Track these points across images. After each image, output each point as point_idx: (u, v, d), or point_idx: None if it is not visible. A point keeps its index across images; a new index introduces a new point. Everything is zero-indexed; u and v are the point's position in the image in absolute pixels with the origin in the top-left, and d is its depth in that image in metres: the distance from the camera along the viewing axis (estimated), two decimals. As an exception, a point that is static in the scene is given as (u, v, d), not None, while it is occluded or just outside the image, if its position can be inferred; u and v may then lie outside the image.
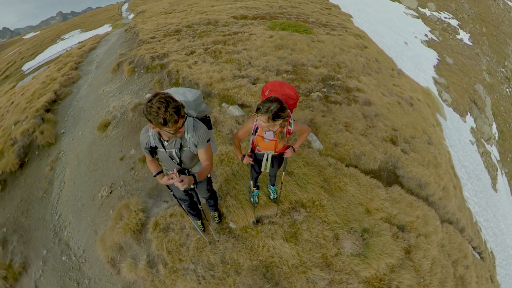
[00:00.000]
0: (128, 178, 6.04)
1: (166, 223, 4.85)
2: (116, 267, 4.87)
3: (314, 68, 9.37)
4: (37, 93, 11.36)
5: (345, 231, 4.74)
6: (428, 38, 25.01)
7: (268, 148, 3.65)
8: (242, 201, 4.85)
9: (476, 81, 21.63)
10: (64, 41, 35.11)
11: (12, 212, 7.09)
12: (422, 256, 5.02)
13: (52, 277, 5.55)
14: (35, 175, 7.72)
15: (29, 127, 8.75)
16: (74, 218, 6.21)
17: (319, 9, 19.90)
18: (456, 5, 37.17)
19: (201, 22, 14.45)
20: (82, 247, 5.63)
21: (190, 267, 4.37)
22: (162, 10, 22.52)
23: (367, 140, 6.83)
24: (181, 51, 10.48)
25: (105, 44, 17.78)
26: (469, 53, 27.10)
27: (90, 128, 8.12)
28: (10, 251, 6.33)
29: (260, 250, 4.45)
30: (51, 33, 47.22)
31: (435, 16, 31.50)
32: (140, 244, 4.87)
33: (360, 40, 14.21)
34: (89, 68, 13.67)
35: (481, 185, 11.87)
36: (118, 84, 9.86)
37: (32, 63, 28.30)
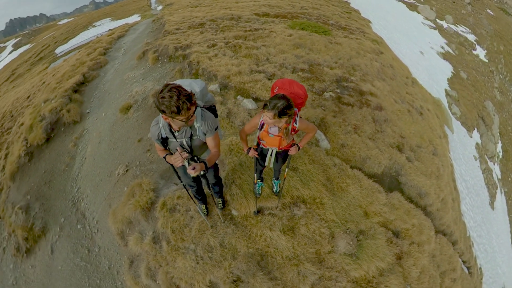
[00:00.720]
0: (143, 159, 6.19)
1: (173, 204, 4.96)
2: (124, 240, 5.06)
3: (329, 69, 9.22)
4: (67, 75, 11.69)
5: (341, 231, 4.71)
6: (444, 50, 24.43)
7: (272, 144, 3.60)
8: (246, 191, 4.85)
9: (487, 98, 21.08)
10: (95, 28, 35.61)
11: (36, 182, 7.41)
12: (412, 264, 4.97)
13: (66, 242, 5.89)
14: (59, 150, 8.01)
15: (57, 105, 9.07)
16: (91, 191, 6.44)
17: (339, 12, 19.57)
18: (474, 20, 36.13)
19: (225, 17, 14.39)
20: (96, 218, 5.88)
21: (190, 247, 4.47)
22: (189, 4, 22.52)
23: (374, 144, 6.72)
24: (203, 43, 10.48)
25: (133, 33, 18.02)
26: (484, 69, 26.39)
27: (113, 110, 8.30)
28: (32, 216, 6.71)
29: (257, 239, 4.49)
30: (83, 20, 48.00)
31: (452, 29, 30.70)
32: (147, 220, 5.02)
33: (376, 45, 13.96)
34: (117, 54, 13.92)
35: (479, 201, 11.63)
36: (142, 70, 10.01)
37: (65, 47, 28.80)
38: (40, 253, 6.13)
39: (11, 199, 7.45)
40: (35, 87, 13.50)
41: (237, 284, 4.20)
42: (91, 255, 5.44)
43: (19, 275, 6.13)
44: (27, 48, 54.97)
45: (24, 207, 6.95)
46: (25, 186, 7.51)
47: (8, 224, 6.94)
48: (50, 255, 5.95)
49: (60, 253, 5.85)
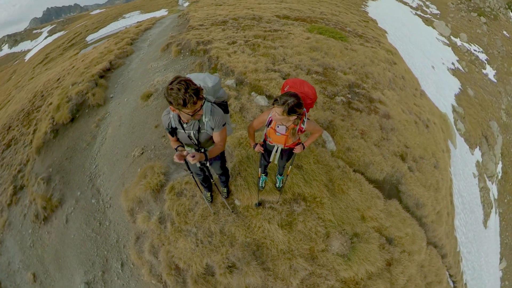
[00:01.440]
0: (158, 144, 6.31)
1: (181, 189, 5.05)
2: (133, 217, 5.25)
3: (343, 74, 9.08)
4: (95, 61, 11.98)
5: (337, 231, 4.67)
6: (454, 67, 23.95)
7: (278, 142, 3.53)
8: (250, 183, 4.85)
9: (492, 118, 20.63)
10: (124, 19, 36.16)
11: (59, 157, 7.75)
12: (401, 271, 4.90)
13: (80, 214, 6.18)
14: (82, 129, 8.30)
15: (84, 88, 9.36)
16: (108, 169, 6.67)
17: (357, 20, 19.25)
18: (489, 40, 35.26)
19: (247, 16, 14.25)
20: (109, 194, 6.11)
21: (192, 230, 4.58)
22: (213, 2, 22.45)
23: (378, 151, 6.61)
24: (224, 40, 10.45)
25: (159, 26, 18.07)
26: (492, 89, 25.82)
27: (135, 96, 8.45)
28: (52, 188, 7.05)
29: (255, 230, 4.51)
30: (114, 11, 48.86)
31: (465, 47, 30.02)
32: (156, 201, 5.16)
33: (390, 55, 13.70)
34: (142, 45, 14.04)
35: (473, 218, 11.45)
36: (165, 62, 10.10)
37: (95, 35, 29.39)
38: (56, 222, 6.44)
39: (35, 170, 7.80)
40: (65, 70, 13.83)
41: (231, 270, 4.25)
42: (102, 228, 5.70)
43: (36, 239, 6.50)
44: (60, 34, 56.14)
45: (46, 178, 7.28)
46: (48, 159, 7.84)
47: (30, 193, 7.28)
48: (65, 224, 6.27)
49: (73, 223, 6.14)
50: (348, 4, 24.44)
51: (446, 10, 39.11)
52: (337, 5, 22.71)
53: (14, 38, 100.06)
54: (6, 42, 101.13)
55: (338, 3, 23.46)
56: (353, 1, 26.46)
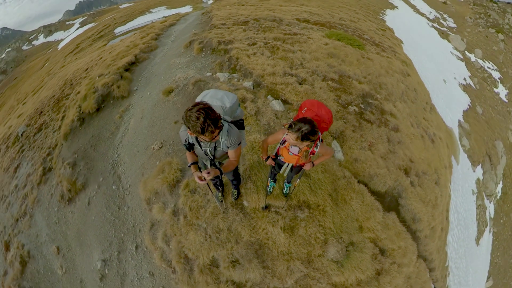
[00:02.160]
0: (177, 140, 6.45)
1: (195, 186, 5.23)
2: (150, 206, 5.49)
3: (357, 83, 8.99)
4: (121, 54, 12.19)
5: (334, 239, 4.79)
6: (466, 83, 23.44)
7: (289, 160, 3.58)
8: (259, 187, 4.98)
9: (498, 138, 20.21)
10: (151, 14, 36.51)
11: (84, 144, 8.06)
12: (388, 281, 4.99)
13: (102, 198, 6.50)
14: (106, 119, 8.52)
15: (110, 80, 9.58)
16: (129, 159, 6.90)
17: (375, 29, 18.96)
18: (505, 58, 34.18)
19: (268, 18, 14.13)
20: (129, 182, 6.37)
21: (202, 225, 4.79)
22: (236, 1, 22.22)
23: (384, 164, 6.62)
24: (244, 40, 10.42)
25: (184, 23, 18.02)
26: (501, 109, 25.22)
27: (157, 91, 8.54)
28: (77, 172, 7.43)
29: (260, 231, 4.68)
30: (142, 6, 49.29)
31: (479, 63, 29.25)
32: (172, 195, 5.39)
33: (405, 67, 13.52)
34: (166, 40, 14.08)
35: (466, 234, 11.35)
36: (187, 58, 10.14)
37: (123, 28, 29.70)
38: (79, 203, 6.81)
39: (62, 155, 8.17)
40: (93, 61, 14.15)
41: (234, 265, 4.45)
42: (120, 212, 5.99)
43: (61, 217, 6.93)
44: (91, 26, 56.86)
45: (71, 163, 7.67)
46: (74, 146, 8.19)
47: (57, 175, 7.67)
48: (87, 206, 6.61)
49: (95, 206, 6.46)
50: (367, 12, 24.05)
51: (464, 24, 38.05)
52: (356, 11, 22.36)
53: (48, 29, 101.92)
54: (41, 32, 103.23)
55: (357, 10, 23.09)
56: (371, 8, 26.01)
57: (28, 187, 8.13)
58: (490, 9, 45.28)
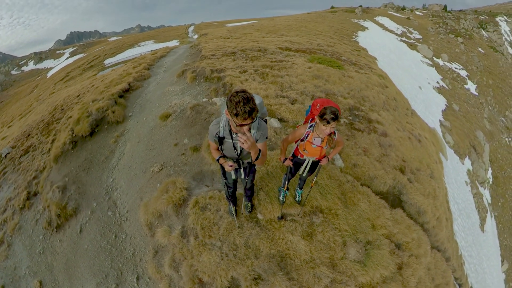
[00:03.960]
0: (178, 161, 6.03)
1: (205, 203, 4.84)
2: (152, 231, 4.92)
3: (343, 98, 9.24)
4: (114, 82, 11.79)
5: (352, 240, 4.64)
6: (439, 85, 24.09)
7: (313, 154, 3.63)
8: (272, 197, 4.82)
9: (477, 128, 20.54)
10: (140, 47, 36.74)
11: (76, 167, 7.38)
12: (411, 274, 4.81)
13: (95, 225, 5.77)
14: (100, 143, 7.98)
15: (104, 105, 9.03)
16: (125, 183, 6.29)
17: (350, 50, 19.66)
18: (467, 57, 35.56)
19: (253, 48, 14.57)
20: (127, 208, 5.72)
21: (217, 244, 4.34)
22: (222, 35, 22.90)
23: (380, 166, 6.67)
24: (235, 69, 10.63)
25: (173, 55, 18.14)
26: (474, 102, 25.84)
27: (153, 116, 8.21)
28: (67, 197, 6.61)
29: (279, 242, 4.38)
30: (130, 39, 49.42)
31: (447, 66, 30.28)
32: (178, 216, 4.88)
33: (382, 80, 13.90)
34: (159, 70, 13.95)
35: (470, 223, 11.17)
36: (181, 86, 10.01)
37: (112, 60, 29.76)
38: (69, 231, 6.03)
39: (51, 178, 7.38)
40: (85, 88, 13.68)
41: (257, 282, 4.04)
42: (118, 241, 5.30)
43: (46, 246, 6.02)
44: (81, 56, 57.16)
45: (61, 187, 6.86)
46: (65, 169, 7.48)
47: (45, 199, 6.82)
48: (79, 234, 5.84)
49: (88, 234, 5.72)
50: (341, 36, 24.98)
51: (427, 34, 39.72)
52: (331, 37, 23.23)
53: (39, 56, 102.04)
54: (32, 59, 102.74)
55: (332, 35, 23.99)
56: (344, 32, 27.03)
57: (8, 212, 7.10)
58: (446, 18, 47.80)
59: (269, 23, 35.07)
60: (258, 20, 48.60)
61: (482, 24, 48.81)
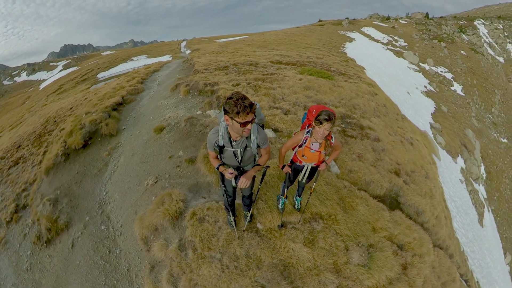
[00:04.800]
0: (173, 174, 5.83)
1: (203, 215, 4.66)
2: (148, 245, 4.69)
3: (334, 107, 9.32)
4: (108, 95, 11.62)
5: (354, 244, 4.57)
6: (426, 89, 24.46)
7: (312, 159, 3.63)
8: (271, 206, 4.74)
9: (466, 127, 20.80)
10: (133, 61, 36.60)
11: (68, 180, 7.10)
12: (416, 273, 4.73)
13: (88, 240, 5.47)
14: (94, 156, 7.75)
15: (97, 118, 8.81)
16: (119, 197, 6.04)
17: (339, 61, 19.99)
18: (451, 60, 36.40)
19: (245, 62, 14.69)
20: (121, 222, 5.46)
21: (216, 256, 4.16)
22: (214, 50, 23.18)
23: (375, 170, 6.67)
24: (228, 82, 10.67)
25: (166, 69, 18.03)
26: (461, 102, 26.26)
27: (147, 129, 8.05)
28: (59, 210, 6.29)
29: (281, 251, 4.26)
30: (123, 54, 49.09)
31: (433, 70, 30.88)
32: (174, 229, 4.67)
33: (371, 88, 14.07)
34: (152, 84, 13.82)
35: (469, 219, 11.12)
36: (174, 100, 9.89)
37: (105, 74, 29.58)
38: (60, 246, 5.67)
39: (41, 191, 7.03)
40: (78, 101, 13.47)
41: None
42: (112, 256, 5.03)
43: (35, 262, 5.63)
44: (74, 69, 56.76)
45: (52, 200, 6.50)
46: (57, 181, 7.12)
47: (34, 212, 6.45)
48: (70, 249, 5.49)
49: (80, 249, 5.39)
50: (329, 48, 25.46)
51: (412, 41, 40.63)
52: (320, 49, 23.65)
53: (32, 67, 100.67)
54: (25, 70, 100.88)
55: (320, 48, 24.44)
56: (332, 44, 27.55)
57: (-7, 226, 6.61)
58: (429, 25, 49.23)
59: (259, 37, 35.62)
60: (249, 35, 49.30)
61: (462, 29, 50.33)
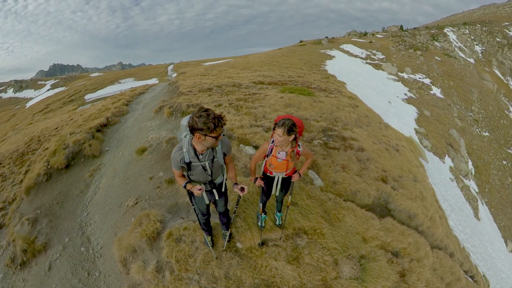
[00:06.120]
0: (153, 195, 5.69)
1: (179, 235, 4.42)
2: (127, 267, 4.43)
3: (315, 122, 9.20)
4: (93, 116, 11.59)
5: (343, 257, 4.25)
6: (407, 96, 24.86)
7: (280, 168, 3.49)
8: (250, 224, 4.46)
9: (450, 127, 20.97)
10: (120, 84, 36.61)
11: (49, 200, 6.86)
12: (416, 279, 4.41)
13: (67, 262, 5.17)
14: (76, 176, 7.57)
15: (81, 138, 8.70)
16: (99, 218, 5.88)
17: (319, 78, 20.22)
18: (428, 66, 37.57)
19: (228, 84, 14.73)
20: (101, 244, 5.26)
21: (194, 278, 3.88)
22: (199, 73, 23.44)
23: (361, 179, 6.43)
24: (211, 103, 10.63)
25: (152, 92, 18.13)
26: (443, 104, 26.69)
27: (130, 150, 7.93)
28: (37, 230, 6.00)
29: (263, 270, 3.93)
30: (111, 76, 48.98)
31: (412, 78, 31.63)
32: (152, 250, 4.44)
33: (352, 100, 14.11)
34: (137, 106, 13.84)
35: (464, 216, 10.88)
36: (158, 122, 9.82)
37: (93, 95, 29.38)
38: (36, 268, 5.30)
39: (21, 210, 6.76)
40: (64, 121, 13.29)
41: None
42: (90, 279, 4.76)
43: (6, 287, 5.23)
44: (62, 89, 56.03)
45: (32, 219, 6.22)
46: (37, 201, 6.87)
47: (11, 233, 6.11)
48: (47, 272, 5.13)
49: (58, 272, 5.06)
50: (310, 66, 25.96)
51: (390, 53, 41.96)
52: (301, 68, 24.10)
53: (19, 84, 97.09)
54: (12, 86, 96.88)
55: (301, 67, 24.92)
56: (313, 63, 28.12)
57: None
58: (404, 36, 51.47)
59: (243, 60, 36.20)
60: (234, 58, 50.29)
61: (434, 37, 52.58)
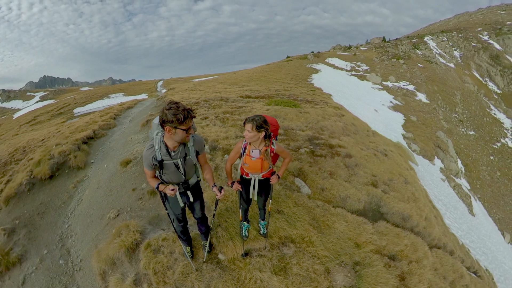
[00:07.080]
0: (135, 206, 5.49)
1: (158, 245, 4.15)
2: (106, 281, 4.11)
3: (301, 131, 9.07)
4: (80, 128, 11.49)
5: (336, 265, 3.92)
6: (393, 104, 25.18)
7: (255, 168, 3.30)
8: (232, 233, 4.14)
9: (437, 129, 21.21)
10: (109, 99, 36.10)
11: (30, 210, 6.59)
12: (418, 281, 4.15)
13: (43, 276, 4.81)
14: (59, 188, 7.36)
15: (67, 149, 8.55)
16: (81, 230, 5.62)
17: (306, 91, 20.40)
18: (411, 74, 38.55)
19: (216, 98, 14.75)
20: (80, 256, 4.96)
21: None
22: (187, 88, 23.61)
23: (350, 185, 6.20)
24: (197, 116, 10.50)
25: (140, 106, 18.16)
26: (428, 108, 27.12)
27: (114, 163, 7.76)
28: (13, 241, 5.68)
29: (247, 282, 3.60)
30: (101, 90, 48.24)
31: (396, 86, 32.25)
32: (131, 262, 4.17)
33: (338, 110, 14.14)
34: (124, 120, 13.79)
35: (459, 213, 10.77)
36: (144, 135, 9.74)
37: (82, 109, 28.87)
38: (9, 282, 4.94)
39: None
40: (51, 133, 13.10)
41: None
42: None
43: None
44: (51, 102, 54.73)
45: (8, 229, 5.87)
46: (17, 211, 6.59)
47: None
48: (20, 286, 4.79)
49: (32, 286, 4.73)
50: (297, 80, 26.30)
51: (374, 64, 43.10)
52: (288, 82, 24.40)
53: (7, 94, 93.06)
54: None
55: (288, 81, 25.23)
56: (300, 77, 28.51)
57: None
58: (387, 47, 53.41)
59: (231, 76, 36.61)
60: (222, 74, 50.75)
61: (416, 45, 54.65)
